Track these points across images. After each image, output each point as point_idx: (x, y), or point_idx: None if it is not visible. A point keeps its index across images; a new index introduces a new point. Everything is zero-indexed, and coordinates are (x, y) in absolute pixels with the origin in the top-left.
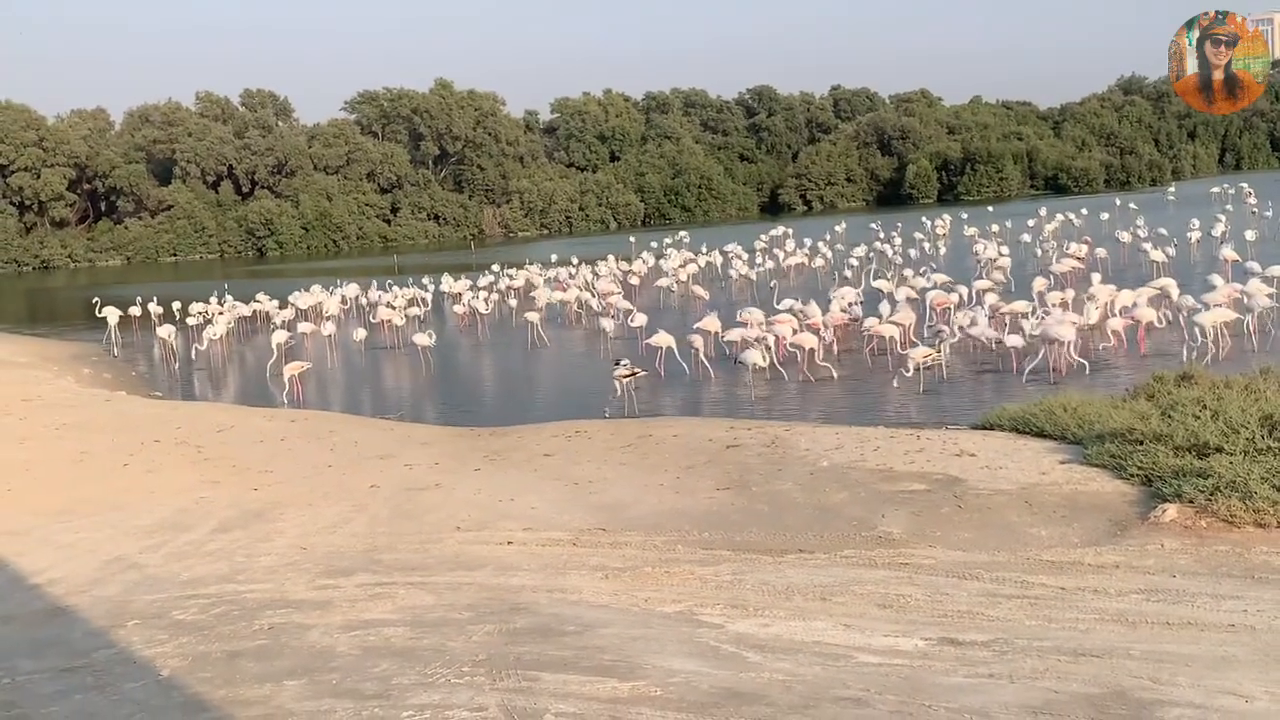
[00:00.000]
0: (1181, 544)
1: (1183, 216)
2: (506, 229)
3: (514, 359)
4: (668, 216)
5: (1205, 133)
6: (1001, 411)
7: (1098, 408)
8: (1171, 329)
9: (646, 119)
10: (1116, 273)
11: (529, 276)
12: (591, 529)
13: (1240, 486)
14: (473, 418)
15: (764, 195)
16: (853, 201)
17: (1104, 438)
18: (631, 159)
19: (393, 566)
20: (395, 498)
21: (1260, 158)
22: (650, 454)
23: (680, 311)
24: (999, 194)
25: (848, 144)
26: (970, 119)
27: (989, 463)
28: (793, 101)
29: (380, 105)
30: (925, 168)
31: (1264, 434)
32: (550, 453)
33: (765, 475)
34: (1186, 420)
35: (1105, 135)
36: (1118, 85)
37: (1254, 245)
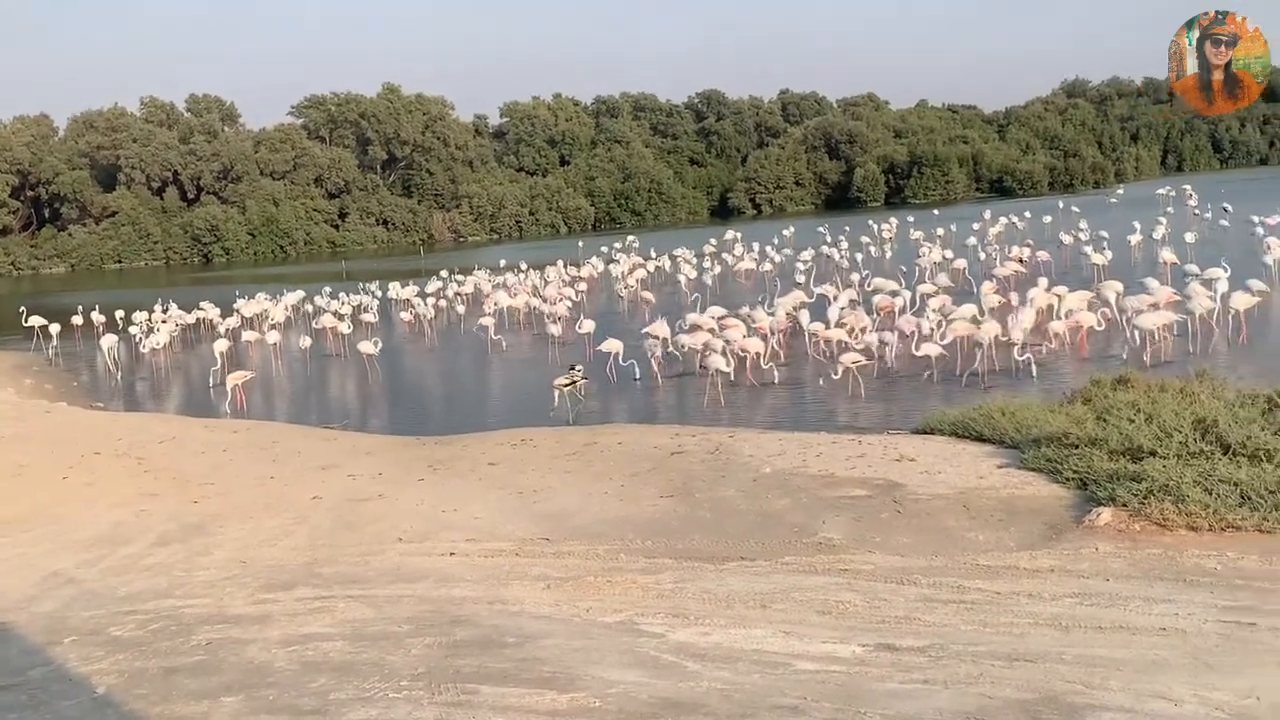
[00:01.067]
0: (1115, 547)
1: (1125, 219)
2: (456, 234)
3: (462, 366)
4: (618, 221)
5: (1148, 135)
6: (941, 416)
7: (1035, 412)
8: (1113, 332)
9: (596, 123)
10: (1059, 275)
11: (477, 282)
12: (535, 538)
13: (1173, 490)
14: (418, 426)
15: (714, 199)
16: (802, 205)
17: (1040, 442)
18: (581, 163)
19: (333, 579)
20: (337, 509)
21: (1202, 160)
22: (595, 462)
23: (629, 316)
24: (945, 197)
25: (796, 148)
26: (916, 123)
27: (928, 467)
28: (741, 106)
29: (327, 110)
30: (872, 171)
31: (1197, 437)
32: (495, 461)
33: (709, 482)
34: (1121, 424)
35: (1049, 138)
36: (1061, 89)
37: (1194, 247)
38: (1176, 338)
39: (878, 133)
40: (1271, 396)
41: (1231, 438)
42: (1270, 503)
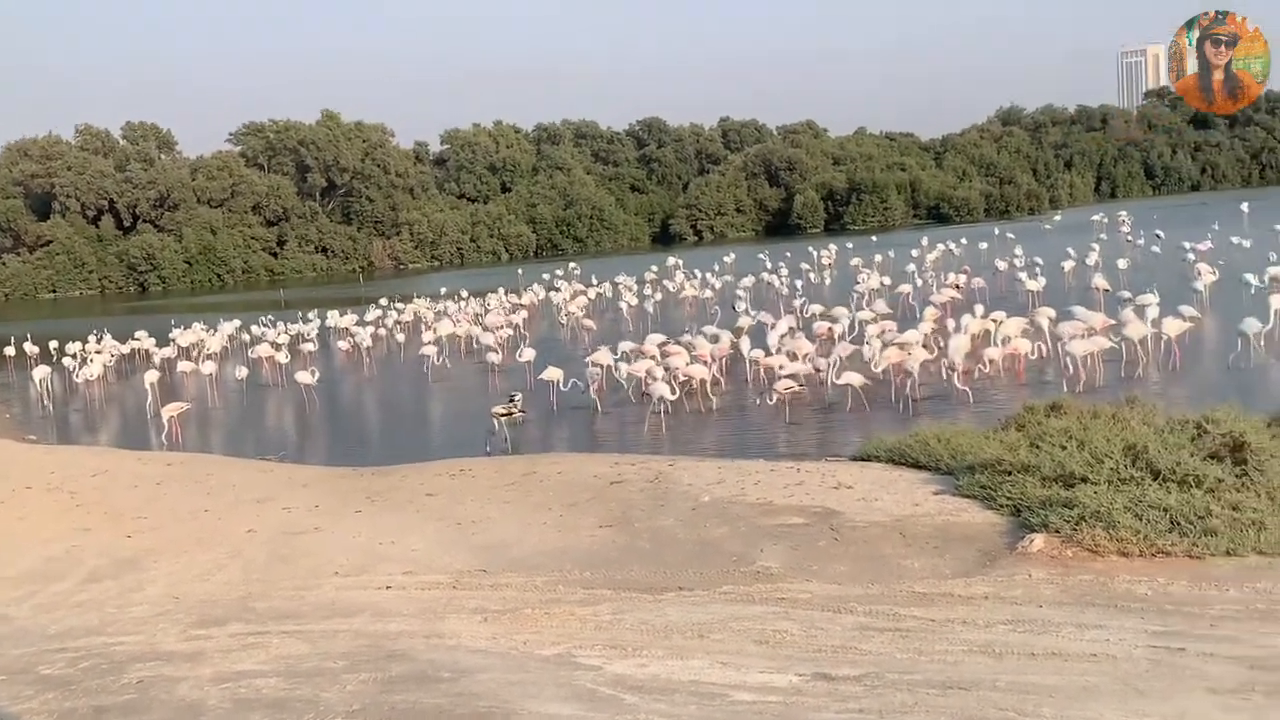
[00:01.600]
0: (1048, 574)
1: (1059, 245)
2: (396, 261)
3: (401, 395)
4: (560, 247)
5: (1081, 162)
6: (879, 442)
7: (970, 438)
8: (1048, 358)
9: (537, 150)
10: (994, 301)
11: (417, 310)
12: (472, 571)
13: (1104, 516)
14: (356, 457)
15: (655, 226)
16: (742, 231)
17: (975, 469)
18: (523, 190)
19: (267, 615)
20: (272, 542)
21: (1135, 186)
22: (534, 492)
23: (571, 344)
24: (884, 224)
25: (736, 175)
26: (855, 150)
27: (865, 495)
28: (682, 133)
29: (266, 137)
30: (812, 198)
31: (1127, 463)
32: (433, 492)
33: (648, 511)
34: (1054, 450)
35: (985, 165)
36: (996, 116)
37: (1126, 274)
38: (1109, 364)
39: (817, 160)
40: (1200, 422)
41: (1161, 464)
42: (1199, 528)
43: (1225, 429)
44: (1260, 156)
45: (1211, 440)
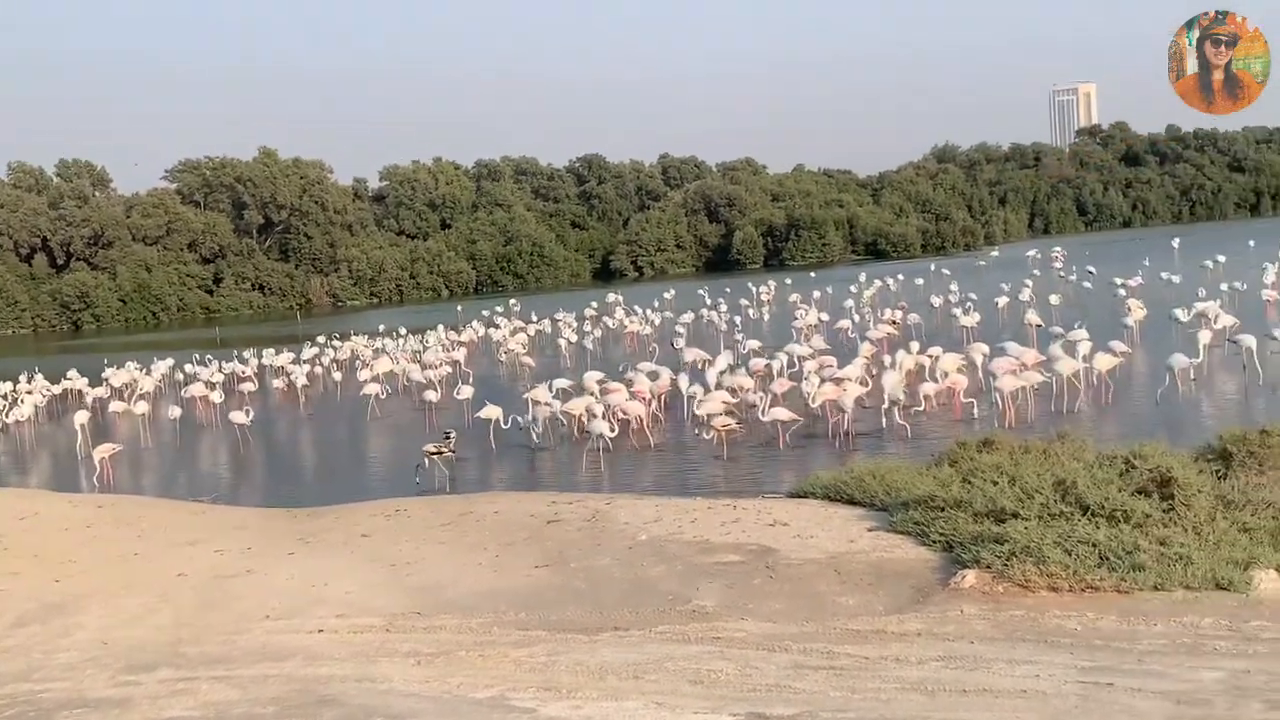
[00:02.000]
0: (980, 610)
1: (994, 281)
2: (335, 298)
3: (338, 434)
4: (500, 284)
5: (1015, 199)
6: (815, 479)
7: (904, 475)
8: (982, 393)
9: (477, 186)
10: (930, 337)
11: (354, 348)
12: (406, 613)
13: (1034, 551)
14: (291, 498)
15: (596, 262)
16: (683, 267)
17: (909, 505)
18: (463, 226)
19: (197, 660)
20: (204, 586)
21: (1068, 222)
22: (470, 532)
23: (510, 381)
24: (822, 259)
25: (677, 211)
26: (794, 187)
27: (801, 532)
28: (622, 169)
29: (202, 174)
30: (751, 234)
31: (1057, 499)
32: (368, 533)
33: (584, 551)
34: (985, 486)
35: (921, 202)
36: (932, 154)
37: (1058, 309)
38: (1042, 398)
39: (756, 196)
40: (1128, 458)
41: (1090, 499)
42: (1127, 563)
43: (1153, 464)
44: (1190, 193)
45: (1139, 475)
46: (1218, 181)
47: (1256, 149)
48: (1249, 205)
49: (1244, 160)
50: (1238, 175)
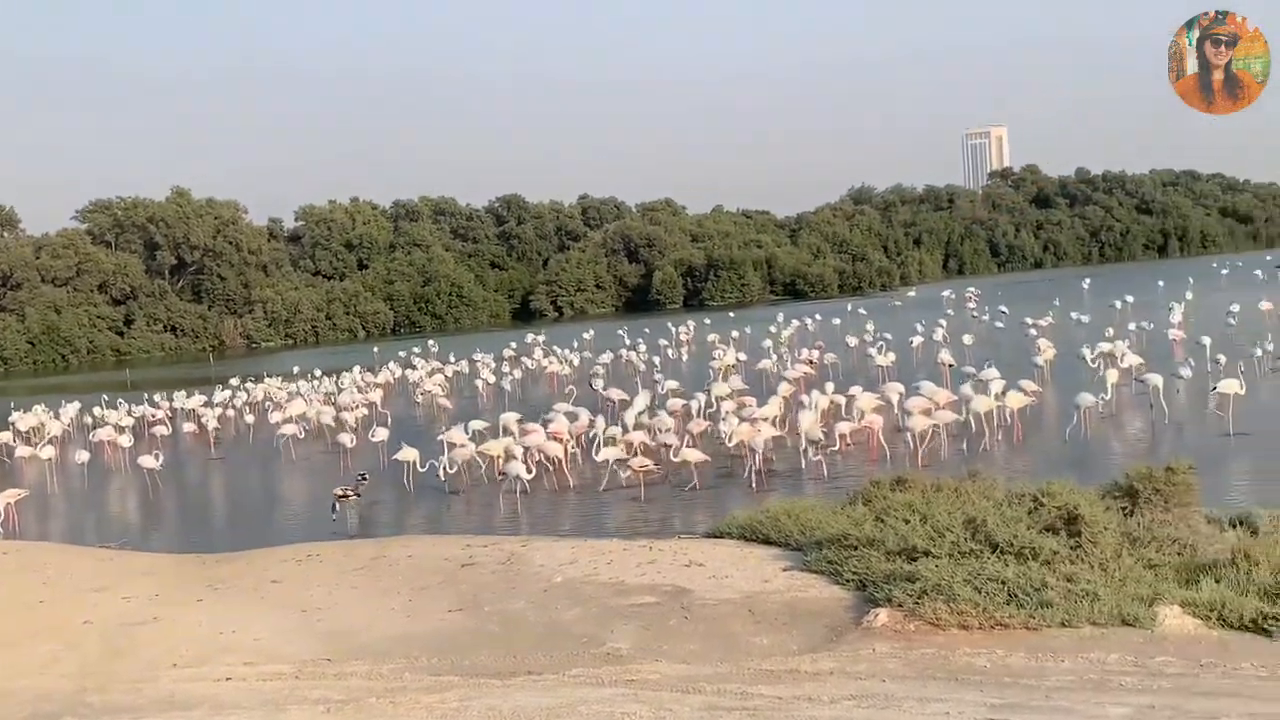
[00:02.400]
0: (891, 648)
1: (908, 321)
2: (249, 340)
3: (250, 478)
4: (418, 325)
5: (930, 240)
6: (731, 519)
7: (819, 514)
8: (898, 432)
9: (395, 226)
10: (847, 377)
11: (268, 390)
12: (317, 659)
13: (945, 589)
14: (202, 543)
15: (515, 302)
16: (603, 307)
17: (823, 544)
18: (380, 267)
19: (102, 710)
20: (110, 633)
21: (981, 263)
22: (383, 576)
23: (427, 423)
24: (741, 299)
25: (596, 251)
26: (713, 227)
27: (716, 572)
28: (542, 210)
29: (114, 214)
30: (671, 274)
31: (967, 537)
32: (279, 578)
33: (499, 594)
34: (897, 525)
35: (838, 243)
36: (848, 195)
37: (971, 349)
38: (955, 437)
39: (675, 237)
40: (1037, 495)
41: (999, 536)
42: (1036, 600)
43: (1060, 502)
44: (1099, 235)
45: (1048, 513)
46: (1126, 223)
47: (1163, 191)
48: (1157, 247)
49: (1151, 203)
50: (1145, 217)
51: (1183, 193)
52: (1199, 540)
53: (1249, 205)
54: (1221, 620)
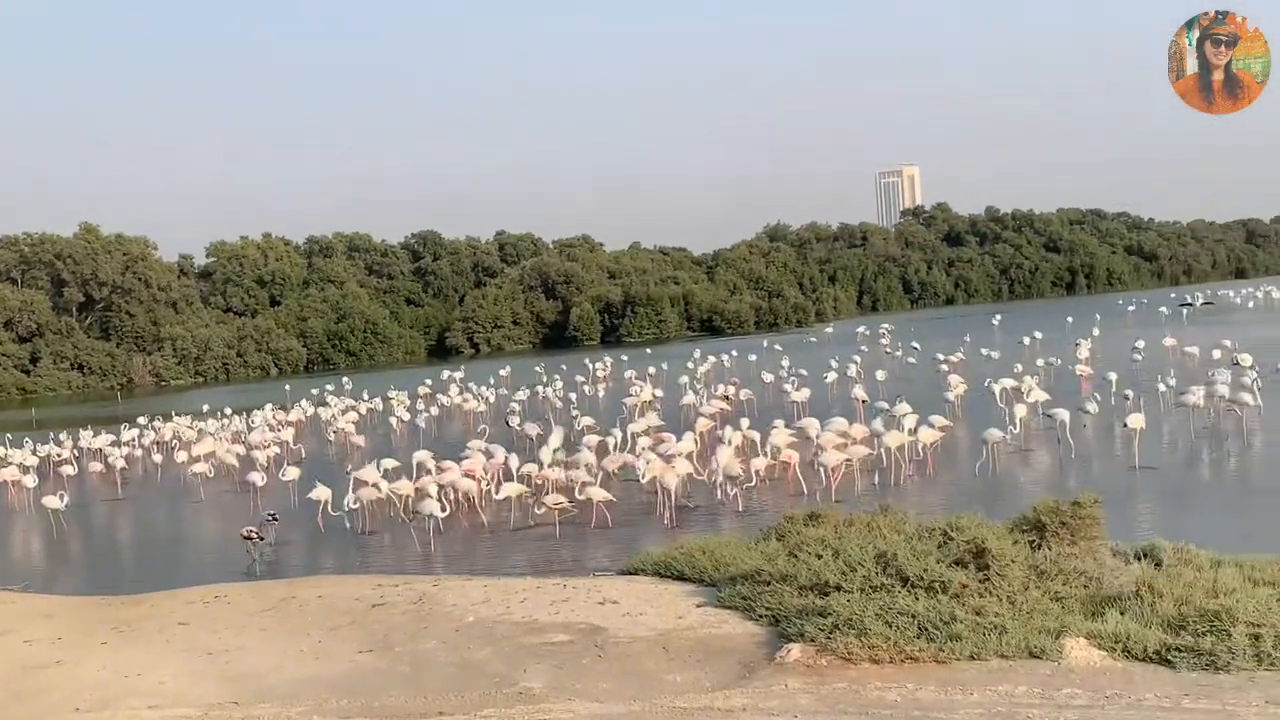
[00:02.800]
0: (804, 683)
1: (823, 357)
2: (158, 378)
3: (158, 518)
4: (332, 362)
5: (844, 277)
6: (646, 556)
7: (733, 550)
8: (813, 468)
9: (309, 263)
10: (763, 412)
11: (176, 429)
12: (224, 703)
13: (856, 624)
14: (107, 585)
15: (431, 339)
16: (520, 344)
17: (736, 580)
18: (293, 303)
19: None
20: (11, 677)
21: (894, 300)
22: (293, 617)
23: (340, 461)
24: (659, 336)
25: (513, 288)
26: (630, 264)
27: (630, 609)
28: (458, 246)
29: (20, 250)
30: (588, 311)
31: (879, 571)
32: (186, 620)
33: (410, 634)
34: (810, 560)
35: (754, 280)
36: (764, 233)
37: (885, 384)
38: (869, 472)
39: (593, 273)
40: (946, 529)
41: (910, 570)
42: (945, 633)
43: (969, 536)
44: (1009, 272)
45: (957, 547)
46: (1035, 261)
47: (1070, 230)
48: (1064, 284)
49: (1059, 241)
50: (1053, 255)
51: (1089, 231)
52: (1104, 573)
53: (1153, 243)
54: (1126, 652)
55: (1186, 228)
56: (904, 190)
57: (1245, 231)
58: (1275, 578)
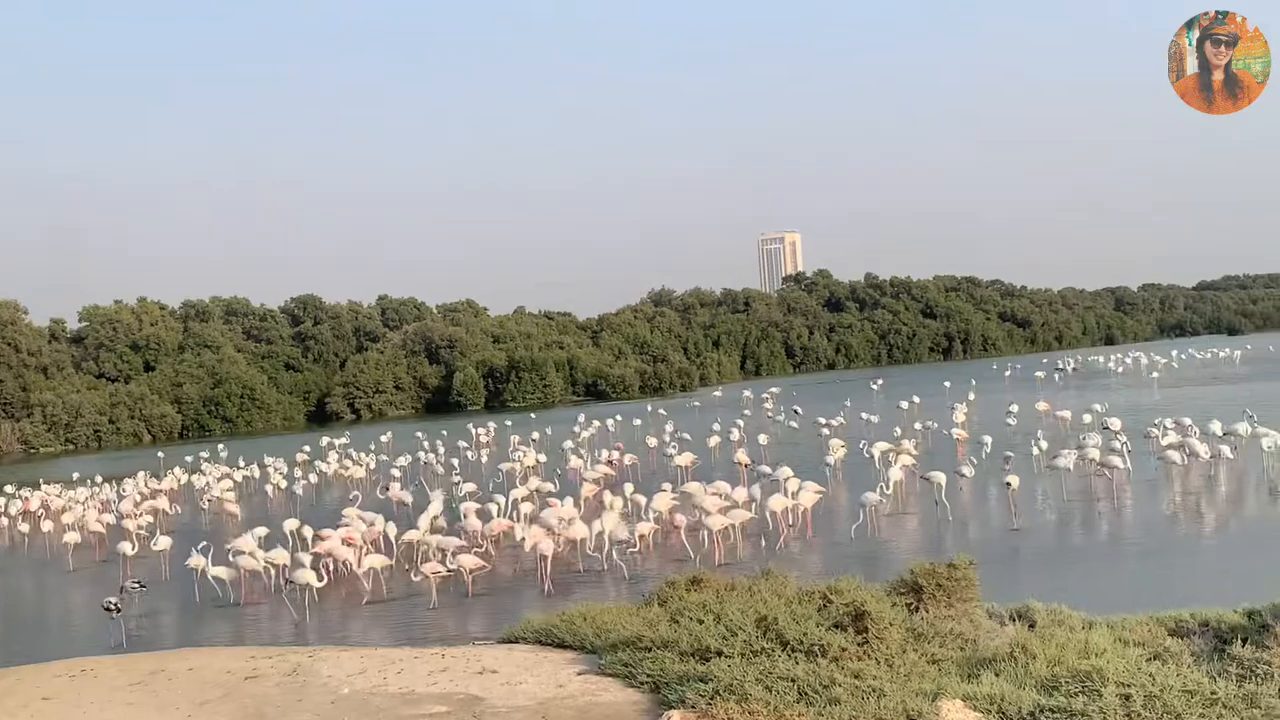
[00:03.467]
0: None
1: (707, 421)
2: (27, 445)
3: (23, 589)
4: (207, 428)
5: (728, 341)
6: (526, 624)
7: (614, 615)
8: (697, 532)
9: (185, 327)
10: (646, 477)
11: (44, 497)
12: None
13: (737, 689)
14: None
15: (311, 404)
16: (402, 409)
17: (618, 646)
18: (168, 369)
19: None
20: None
21: (777, 364)
22: (161, 691)
23: (215, 529)
24: (543, 401)
25: (396, 352)
26: (515, 328)
27: (510, 679)
28: (340, 310)
29: None
30: (472, 375)
31: (759, 635)
32: (51, 695)
33: (283, 708)
34: (692, 625)
35: (639, 344)
36: (649, 298)
37: (767, 448)
38: (751, 536)
39: (477, 338)
40: (825, 593)
41: (790, 635)
42: (824, 697)
43: (848, 599)
44: (887, 338)
45: (836, 610)
46: (912, 327)
47: (946, 296)
48: (941, 349)
49: (935, 307)
50: (930, 321)
51: (964, 298)
52: (980, 634)
53: (1026, 310)
54: (1001, 713)
55: (1058, 295)
56: (786, 256)
57: (1114, 299)
58: (1144, 638)
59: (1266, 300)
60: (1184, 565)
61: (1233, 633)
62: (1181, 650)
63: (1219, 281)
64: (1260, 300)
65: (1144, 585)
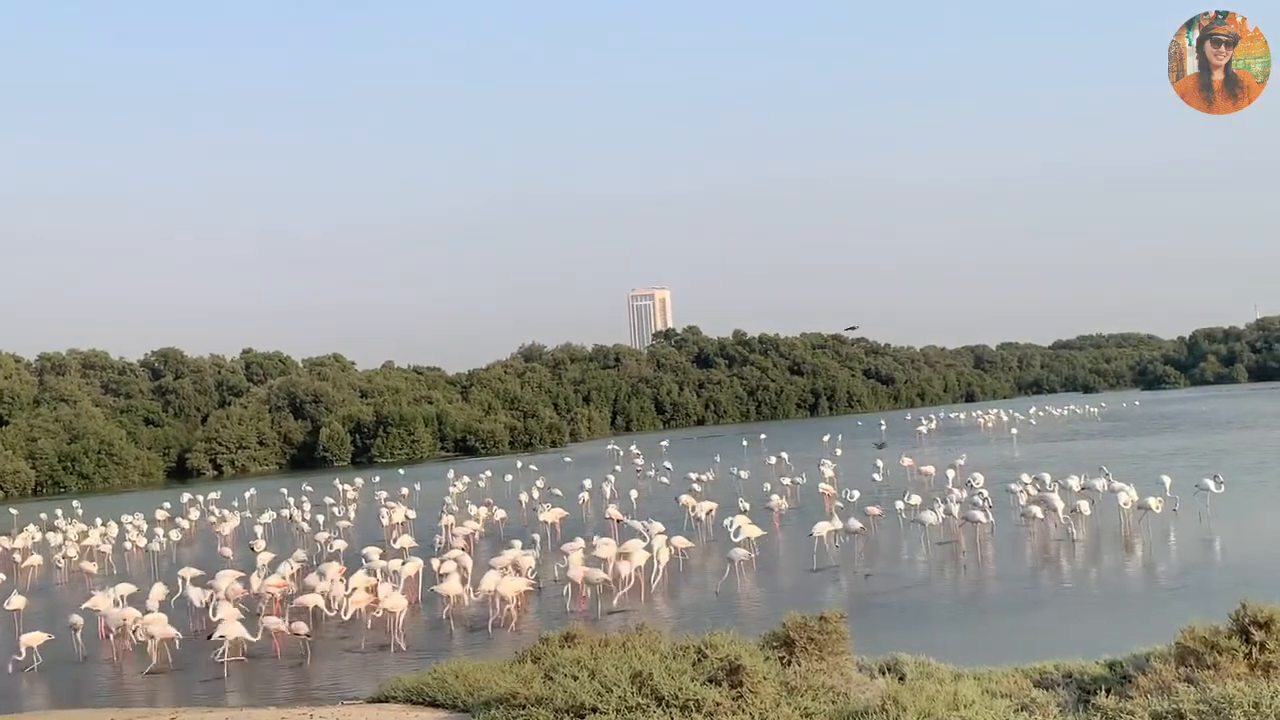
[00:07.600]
0: None
1: (578, 476)
2: None
3: None
4: (63, 485)
5: (598, 397)
6: (397, 682)
7: (488, 673)
8: (566, 588)
9: (40, 381)
10: (518, 533)
11: None
12: None
13: None
14: None
15: (171, 460)
16: (266, 465)
17: (491, 704)
18: (22, 423)
19: None
20: None
21: (647, 420)
22: None
23: (70, 589)
24: (412, 456)
25: (259, 407)
26: (383, 383)
27: None
28: (202, 364)
29: None
30: (338, 431)
31: (634, 691)
32: None
33: None
34: (566, 682)
35: (510, 400)
36: (520, 353)
37: (638, 503)
38: (624, 590)
39: (344, 392)
40: (700, 647)
41: (665, 689)
42: None
43: (723, 653)
44: (756, 394)
45: (711, 664)
46: (780, 383)
47: (813, 354)
48: (809, 405)
49: (802, 364)
50: (797, 378)
51: (830, 355)
52: (851, 688)
53: (890, 367)
54: None
55: (920, 353)
56: (656, 313)
57: (974, 357)
58: (1011, 689)
59: (1119, 359)
60: (1046, 617)
61: (1095, 683)
62: (1048, 701)
63: (1074, 341)
64: (1113, 359)
65: (1008, 637)
